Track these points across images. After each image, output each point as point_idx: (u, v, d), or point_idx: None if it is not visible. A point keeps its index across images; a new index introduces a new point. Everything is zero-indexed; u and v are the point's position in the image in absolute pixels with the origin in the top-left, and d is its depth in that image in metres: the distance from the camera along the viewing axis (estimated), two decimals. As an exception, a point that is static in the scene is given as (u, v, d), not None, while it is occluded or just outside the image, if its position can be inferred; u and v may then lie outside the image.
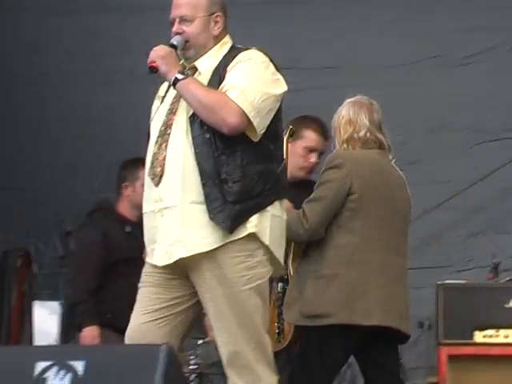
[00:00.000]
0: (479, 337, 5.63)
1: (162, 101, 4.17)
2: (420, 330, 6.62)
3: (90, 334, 5.74)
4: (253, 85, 3.99)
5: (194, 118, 3.99)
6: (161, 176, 4.01)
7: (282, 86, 4.07)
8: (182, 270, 4.02)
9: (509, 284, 5.95)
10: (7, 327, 7.08)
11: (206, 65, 4.05)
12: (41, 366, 3.54)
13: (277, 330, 5.01)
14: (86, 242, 6.03)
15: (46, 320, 6.85)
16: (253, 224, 3.98)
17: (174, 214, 4.00)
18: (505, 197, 7.09)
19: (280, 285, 5.04)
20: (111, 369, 3.61)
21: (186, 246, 3.96)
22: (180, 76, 3.96)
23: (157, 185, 4.00)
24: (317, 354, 4.70)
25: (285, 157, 4.84)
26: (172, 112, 4.07)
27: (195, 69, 4.05)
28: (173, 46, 3.99)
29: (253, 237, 3.97)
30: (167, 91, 4.16)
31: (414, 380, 6.80)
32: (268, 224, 4.04)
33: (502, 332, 5.64)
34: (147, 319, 4.08)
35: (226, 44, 4.11)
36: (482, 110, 7.08)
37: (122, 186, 5.82)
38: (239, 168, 4.02)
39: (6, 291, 7.10)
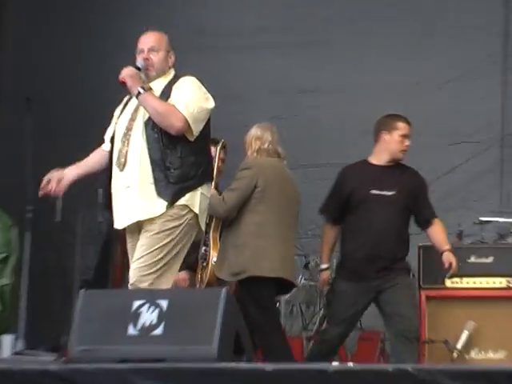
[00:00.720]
0: (448, 283, 6.08)
1: (122, 111, 4.77)
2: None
3: (182, 276, 6.10)
4: (192, 101, 4.61)
5: (148, 123, 4.57)
6: (124, 164, 4.60)
7: (211, 103, 4.71)
8: (137, 231, 4.63)
9: (469, 245, 6.38)
10: (112, 277, 7.11)
11: (158, 85, 4.70)
12: (136, 303, 4.01)
13: (199, 280, 5.80)
14: None
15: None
16: (186, 198, 4.59)
17: (133, 191, 4.59)
18: (467, 185, 7.41)
19: (204, 248, 5.87)
20: (186, 306, 4.08)
21: (141, 212, 4.57)
22: (142, 90, 4.56)
23: (121, 170, 4.62)
24: (251, 300, 5.46)
25: (217, 161, 5.70)
26: (132, 119, 4.65)
27: (150, 88, 4.63)
28: (138, 68, 4.66)
29: (185, 207, 4.58)
30: (126, 104, 4.77)
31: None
32: (198, 199, 4.65)
33: (465, 280, 6.12)
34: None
35: (170, 74, 4.76)
36: (448, 121, 7.46)
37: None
38: (179, 159, 4.59)
39: (113, 251, 7.08)
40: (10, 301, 5.66)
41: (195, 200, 4.69)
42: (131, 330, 3.98)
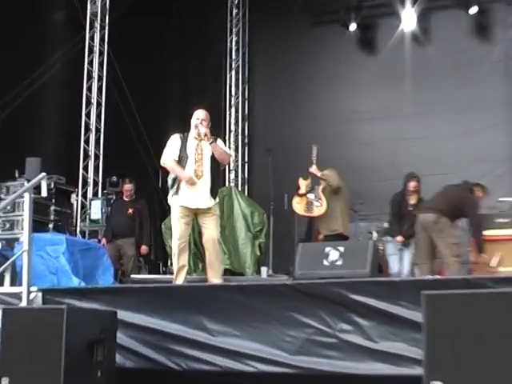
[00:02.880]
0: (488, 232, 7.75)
1: (186, 144, 6.44)
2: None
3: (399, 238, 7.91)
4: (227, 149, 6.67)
5: (211, 155, 6.45)
6: (200, 177, 6.43)
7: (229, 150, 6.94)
8: (195, 212, 6.40)
9: (497, 213, 8.56)
10: (314, 238, 8.66)
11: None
12: (328, 249, 5.09)
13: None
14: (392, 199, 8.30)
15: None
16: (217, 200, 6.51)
17: (202, 191, 6.41)
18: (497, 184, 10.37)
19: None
20: (353, 249, 5.12)
21: (205, 203, 6.42)
22: (215, 141, 6.47)
23: (198, 179, 6.39)
24: None
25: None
26: (198, 153, 6.45)
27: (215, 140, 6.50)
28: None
29: (217, 203, 6.50)
30: (184, 140, 6.49)
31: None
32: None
33: (496, 231, 8.10)
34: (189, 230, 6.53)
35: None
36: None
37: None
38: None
39: (312, 227, 8.83)
40: (264, 250, 7.80)
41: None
42: (325, 262, 4.99)
